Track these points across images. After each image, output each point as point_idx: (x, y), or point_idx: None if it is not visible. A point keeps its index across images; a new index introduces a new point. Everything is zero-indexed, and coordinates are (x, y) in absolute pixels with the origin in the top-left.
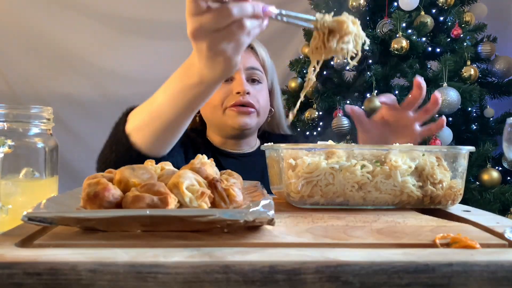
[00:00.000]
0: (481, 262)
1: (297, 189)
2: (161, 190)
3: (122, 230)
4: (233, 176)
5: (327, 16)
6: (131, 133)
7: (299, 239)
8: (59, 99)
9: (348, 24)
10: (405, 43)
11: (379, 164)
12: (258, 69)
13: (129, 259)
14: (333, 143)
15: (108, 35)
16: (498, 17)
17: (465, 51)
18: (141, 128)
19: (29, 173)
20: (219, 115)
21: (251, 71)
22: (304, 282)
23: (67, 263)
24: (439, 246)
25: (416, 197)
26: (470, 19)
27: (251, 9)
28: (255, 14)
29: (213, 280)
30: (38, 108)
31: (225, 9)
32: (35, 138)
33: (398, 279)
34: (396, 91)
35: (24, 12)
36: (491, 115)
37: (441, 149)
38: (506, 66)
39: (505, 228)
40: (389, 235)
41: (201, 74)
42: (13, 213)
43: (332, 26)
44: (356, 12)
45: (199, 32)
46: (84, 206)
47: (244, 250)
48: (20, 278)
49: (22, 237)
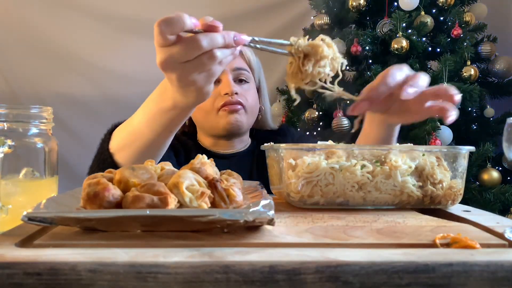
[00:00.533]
0: (481, 262)
1: (297, 189)
2: (161, 190)
3: (122, 230)
4: (233, 176)
5: (301, 40)
6: (114, 152)
7: (299, 239)
8: (59, 99)
9: (323, 48)
10: (405, 43)
11: (379, 164)
12: (245, 69)
13: (129, 259)
14: (333, 143)
15: (108, 35)
16: (498, 17)
17: (465, 51)
18: (123, 148)
19: (29, 173)
20: (212, 118)
21: (238, 72)
22: (304, 282)
23: (67, 263)
24: (439, 246)
25: (416, 197)
26: (470, 19)
27: (221, 40)
28: (226, 44)
29: (213, 280)
30: (38, 108)
31: (194, 40)
32: (35, 138)
33: (398, 279)
34: None
35: (24, 12)
36: (491, 115)
37: (441, 149)
38: (506, 66)
39: (505, 228)
40: (389, 235)
41: (174, 99)
42: (13, 213)
43: (307, 50)
44: (356, 12)
45: (168, 63)
46: (84, 206)
47: (244, 250)
48: (20, 278)
49: (22, 237)
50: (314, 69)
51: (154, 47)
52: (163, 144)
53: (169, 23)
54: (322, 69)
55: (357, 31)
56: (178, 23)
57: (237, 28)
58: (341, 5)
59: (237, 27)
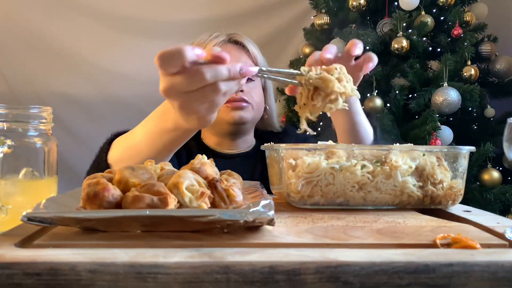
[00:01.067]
0: (482, 263)
1: (297, 189)
2: (160, 190)
3: (122, 230)
4: (233, 176)
5: (313, 71)
6: (112, 164)
7: (299, 239)
8: (59, 99)
9: (333, 83)
10: (406, 43)
11: (379, 164)
12: None
13: (129, 259)
14: (333, 143)
15: (108, 35)
16: (499, 17)
17: (466, 51)
18: (121, 161)
19: (29, 173)
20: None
21: None
22: (304, 283)
23: (67, 263)
24: (439, 246)
25: (417, 197)
26: (470, 19)
27: (226, 72)
28: (231, 77)
29: (213, 280)
30: (38, 108)
31: (198, 73)
32: (35, 138)
33: (398, 280)
34: (396, 91)
35: (24, 12)
36: (492, 115)
37: (441, 149)
38: (506, 66)
39: (506, 228)
40: (389, 235)
41: (176, 122)
42: (13, 213)
43: (317, 84)
44: (357, 12)
45: (170, 91)
46: (84, 206)
47: (244, 250)
48: (19, 278)
49: (21, 237)
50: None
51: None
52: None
53: (169, 59)
54: (333, 106)
55: (358, 31)
56: (179, 59)
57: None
58: (341, 5)
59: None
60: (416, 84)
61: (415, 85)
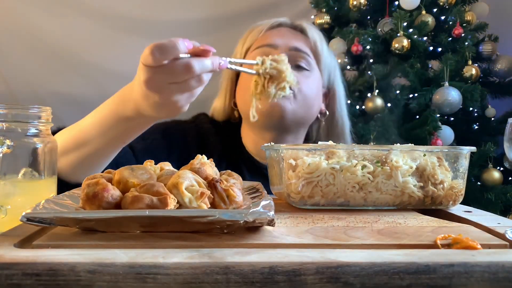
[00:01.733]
0: (482, 263)
1: (298, 189)
2: (160, 191)
3: (121, 231)
4: (233, 176)
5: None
6: None
7: (299, 240)
8: (59, 99)
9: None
10: (406, 42)
11: (380, 165)
12: (306, 52)
13: (128, 260)
14: (333, 143)
15: (107, 35)
16: (500, 16)
17: (467, 51)
18: (66, 153)
19: (28, 173)
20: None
21: (295, 53)
22: (304, 283)
23: (66, 263)
24: (440, 246)
25: (417, 197)
26: (471, 18)
27: (210, 65)
28: (213, 69)
29: (212, 281)
30: (37, 108)
31: (188, 66)
32: (34, 138)
33: (399, 280)
34: (397, 91)
35: (24, 12)
36: (493, 115)
37: (442, 149)
38: (507, 65)
39: (507, 228)
40: (389, 236)
41: (139, 110)
42: (12, 214)
43: (272, 73)
44: (357, 11)
45: (154, 82)
46: (83, 206)
47: (244, 251)
48: (18, 279)
49: (21, 237)
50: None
51: None
52: (112, 153)
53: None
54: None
55: (358, 30)
56: (173, 50)
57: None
58: (341, 4)
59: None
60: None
61: (415, 84)
